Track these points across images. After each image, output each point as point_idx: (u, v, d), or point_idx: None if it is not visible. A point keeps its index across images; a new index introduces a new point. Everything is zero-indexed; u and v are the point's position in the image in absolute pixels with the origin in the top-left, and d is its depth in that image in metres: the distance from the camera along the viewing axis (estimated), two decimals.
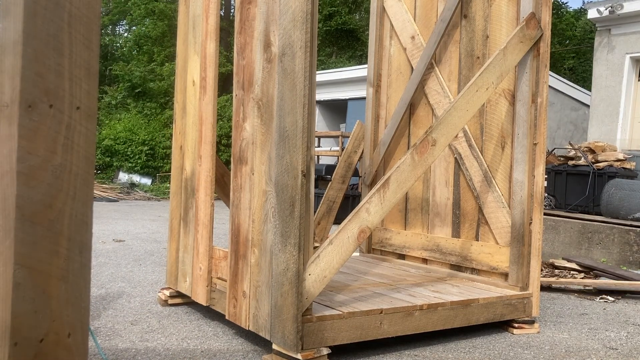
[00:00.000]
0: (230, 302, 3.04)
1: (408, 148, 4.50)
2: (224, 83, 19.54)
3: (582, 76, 23.07)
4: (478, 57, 3.99)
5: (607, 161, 7.39)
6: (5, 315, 1.42)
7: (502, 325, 3.48)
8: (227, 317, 3.08)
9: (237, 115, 3.06)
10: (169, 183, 4.45)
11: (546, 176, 7.37)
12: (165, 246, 6.25)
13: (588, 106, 11.96)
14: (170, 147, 17.05)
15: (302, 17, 2.57)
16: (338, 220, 4.03)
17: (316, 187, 10.54)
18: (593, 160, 7.44)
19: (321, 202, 4.52)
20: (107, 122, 20.09)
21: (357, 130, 4.74)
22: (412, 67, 4.48)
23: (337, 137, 13.58)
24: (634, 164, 7.70)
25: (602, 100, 10.55)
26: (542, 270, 5.61)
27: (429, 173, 4.33)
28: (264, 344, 2.96)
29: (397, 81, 4.65)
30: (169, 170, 16.64)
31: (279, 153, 2.68)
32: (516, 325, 3.44)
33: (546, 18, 3.52)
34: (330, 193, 4.56)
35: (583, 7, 23.26)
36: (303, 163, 2.57)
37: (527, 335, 3.39)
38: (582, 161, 7.53)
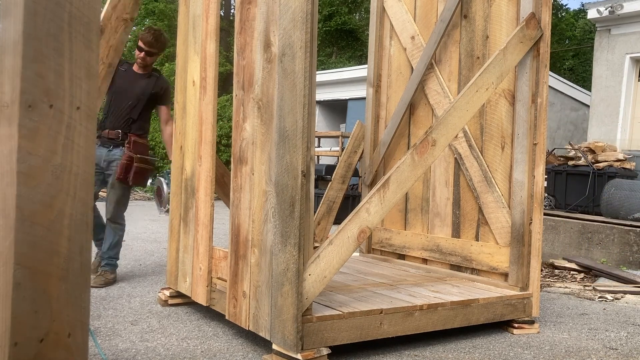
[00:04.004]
0: (230, 302, 3.04)
1: (408, 148, 4.49)
2: (224, 83, 19.52)
3: (582, 76, 23.05)
4: (478, 57, 3.99)
5: (607, 161, 7.39)
6: (5, 315, 1.42)
7: (502, 325, 3.48)
8: (227, 317, 3.08)
9: (237, 115, 3.06)
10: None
11: (546, 176, 7.37)
12: (165, 246, 6.24)
13: (588, 106, 11.95)
14: None
15: (302, 17, 2.57)
16: (338, 220, 4.02)
17: (316, 187, 10.53)
18: (593, 161, 7.44)
19: (321, 202, 4.51)
20: None
21: (357, 131, 4.74)
22: (412, 68, 4.48)
23: (337, 137, 13.56)
24: (634, 164, 7.69)
25: (602, 101, 10.54)
26: (542, 270, 5.60)
27: (429, 173, 4.32)
28: (264, 344, 2.96)
29: (397, 81, 4.65)
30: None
31: (279, 153, 2.68)
32: (516, 325, 3.44)
33: (546, 18, 3.52)
34: (330, 193, 4.56)
35: (582, 7, 23.26)
36: (303, 163, 2.57)
37: (527, 336, 3.39)
38: (582, 161, 7.53)
